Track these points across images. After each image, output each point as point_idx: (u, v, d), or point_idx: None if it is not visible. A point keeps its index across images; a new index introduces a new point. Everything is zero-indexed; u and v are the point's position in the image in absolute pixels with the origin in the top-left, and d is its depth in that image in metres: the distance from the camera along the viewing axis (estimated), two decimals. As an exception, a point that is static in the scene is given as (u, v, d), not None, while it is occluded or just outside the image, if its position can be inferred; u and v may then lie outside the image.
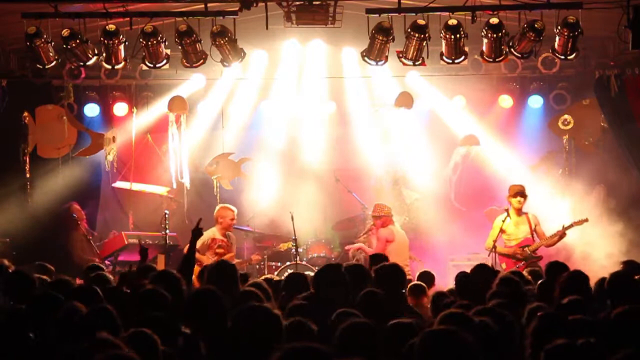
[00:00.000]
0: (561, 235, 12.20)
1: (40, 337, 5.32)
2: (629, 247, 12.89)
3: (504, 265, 11.88)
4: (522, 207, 12.31)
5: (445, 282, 11.62)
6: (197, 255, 12.29)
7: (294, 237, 12.93)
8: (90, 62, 11.10)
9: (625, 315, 4.94)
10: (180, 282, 6.33)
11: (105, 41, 10.64)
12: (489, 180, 14.55)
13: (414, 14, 10.56)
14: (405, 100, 14.00)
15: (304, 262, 13.12)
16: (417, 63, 10.98)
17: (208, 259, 12.14)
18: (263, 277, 9.14)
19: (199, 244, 12.36)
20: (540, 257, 12.18)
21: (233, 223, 12.39)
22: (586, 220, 12.37)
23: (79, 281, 10.19)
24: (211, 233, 12.09)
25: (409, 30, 10.53)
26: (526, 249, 12.18)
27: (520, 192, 12.26)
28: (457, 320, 4.82)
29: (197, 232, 8.53)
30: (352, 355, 4.52)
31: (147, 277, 6.70)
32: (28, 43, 10.64)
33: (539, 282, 7.44)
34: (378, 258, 8.55)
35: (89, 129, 14.46)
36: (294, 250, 13.00)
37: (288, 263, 13.07)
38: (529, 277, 8.41)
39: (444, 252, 14.16)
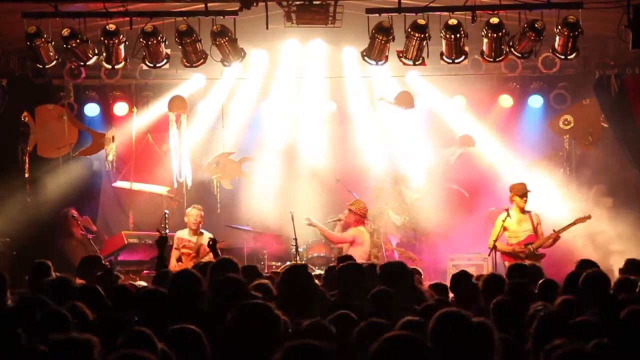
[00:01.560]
0: (555, 238, 12.25)
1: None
2: (631, 245, 12.92)
3: (506, 264, 11.88)
4: (525, 206, 12.37)
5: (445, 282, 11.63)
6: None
7: (294, 237, 12.95)
8: (90, 62, 11.10)
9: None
10: (200, 282, 6.29)
11: (106, 41, 10.64)
12: (486, 179, 14.54)
13: (414, 14, 10.56)
14: (405, 99, 14.01)
15: (304, 262, 13.11)
16: (417, 63, 10.97)
17: (172, 259, 12.35)
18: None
19: (175, 244, 12.62)
20: (542, 255, 12.23)
21: (197, 222, 12.53)
22: (589, 217, 12.41)
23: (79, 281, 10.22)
24: (179, 233, 12.58)
25: (409, 30, 10.53)
26: (529, 246, 12.21)
27: (526, 193, 12.31)
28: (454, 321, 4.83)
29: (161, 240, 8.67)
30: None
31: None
32: (28, 43, 10.64)
33: (540, 281, 7.44)
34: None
35: (89, 129, 14.47)
36: (294, 250, 13.01)
37: (288, 263, 13.05)
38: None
39: (444, 252, 14.15)
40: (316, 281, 7.71)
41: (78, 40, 10.58)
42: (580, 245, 13.06)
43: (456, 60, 10.97)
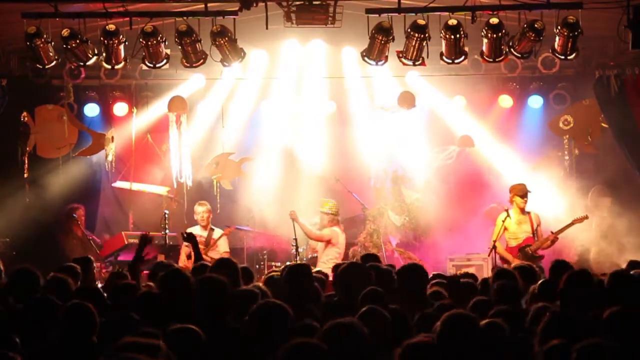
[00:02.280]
0: (553, 240, 12.26)
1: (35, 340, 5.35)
2: (632, 246, 12.94)
3: (505, 267, 11.89)
4: (525, 207, 12.38)
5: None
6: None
7: (294, 237, 12.95)
8: (90, 62, 11.09)
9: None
10: (189, 282, 6.30)
11: (105, 41, 10.64)
12: (486, 180, 14.55)
13: (414, 14, 10.56)
14: (406, 99, 14.02)
15: (304, 262, 13.11)
16: (417, 63, 10.96)
17: (182, 255, 12.64)
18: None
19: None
20: (542, 257, 12.22)
21: (203, 218, 12.88)
22: (586, 217, 12.43)
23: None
24: (190, 229, 12.52)
25: (409, 30, 10.53)
26: (527, 249, 12.22)
27: (526, 193, 12.31)
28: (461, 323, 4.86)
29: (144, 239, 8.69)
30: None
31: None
32: (28, 43, 10.64)
33: (540, 281, 7.44)
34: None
35: (90, 129, 14.47)
36: (294, 250, 13.01)
37: (288, 263, 13.05)
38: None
39: (444, 252, 14.15)
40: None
41: (78, 41, 10.57)
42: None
43: (456, 61, 10.96)
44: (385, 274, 7.40)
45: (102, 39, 10.64)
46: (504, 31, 10.54)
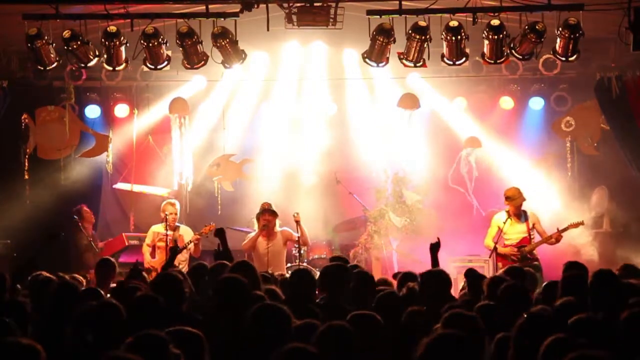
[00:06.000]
0: (557, 238, 12.20)
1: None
2: (633, 248, 12.94)
3: (500, 265, 11.89)
4: (517, 211, 12.33)
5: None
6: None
7: (296, 239, 12.92)
8: (91, 64, 11.09)
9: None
10: (182, 284, 6.32)
11: (106, 42, 10.64)
12: (489, 181, 14.57)
13: (415, 16, 10.56)
14: (410, 101, 14.01)
15: (304, 264, 13.11)
16: (418, 64, 10.96)
17: (146, 255, 12.45)
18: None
19: (149, 240, 12.50)
20: (536, 259, 12.17)
21: (171, 218, 12.45)
22: (582, 223, 12.39)
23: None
24: (154, 228, 12.63)
25: (410, 31, 10.52)
26: (523, 249, 12.18)
27: (520, 204, 12.27)
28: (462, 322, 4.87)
29: (220, 232, 9.00)
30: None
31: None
32: (29, 44, 10.64)
33: (544, 283, 7.43)
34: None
35: (94, 130, 14.48)
36: (295, 251, 13.00)
37: (289, 265, 13.05)
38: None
39: (444, 253, 14.06)
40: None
41: (79, 42, 10.58)
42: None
43: (457, 62, 10.96)
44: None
45: (103, 40, 10.64)
46: (505, 33, 10.54)
